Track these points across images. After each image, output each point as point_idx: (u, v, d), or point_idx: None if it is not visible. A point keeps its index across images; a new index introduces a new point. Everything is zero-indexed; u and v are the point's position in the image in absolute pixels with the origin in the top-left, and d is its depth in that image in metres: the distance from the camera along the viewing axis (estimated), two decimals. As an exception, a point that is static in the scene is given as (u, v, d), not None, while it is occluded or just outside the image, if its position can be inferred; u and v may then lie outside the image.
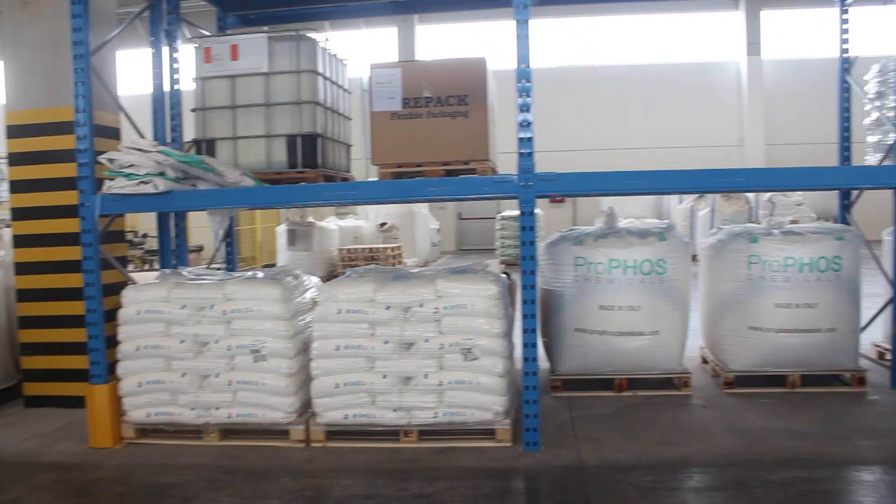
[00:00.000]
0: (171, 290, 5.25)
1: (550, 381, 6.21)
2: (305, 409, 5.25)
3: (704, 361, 6.89)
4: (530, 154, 4.84)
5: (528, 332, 4.90)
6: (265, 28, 6.53)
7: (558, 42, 23.92)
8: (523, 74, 4.83)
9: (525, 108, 4.84)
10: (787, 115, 23.17)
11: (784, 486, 4.22)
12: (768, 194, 17.03)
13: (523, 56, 4.84)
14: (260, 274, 5.65)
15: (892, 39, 6.01)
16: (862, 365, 6.24)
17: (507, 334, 5.13)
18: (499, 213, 19.67)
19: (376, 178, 5.66)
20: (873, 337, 6.99)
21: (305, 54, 5.87)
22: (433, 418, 4.98)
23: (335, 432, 5.13)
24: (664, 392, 6.11)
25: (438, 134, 5.44)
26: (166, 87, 6.57)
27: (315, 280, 5.96)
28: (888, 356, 6.42)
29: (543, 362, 6.32)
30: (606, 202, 12.46)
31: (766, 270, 5.98)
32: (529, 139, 4.85)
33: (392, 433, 5.06)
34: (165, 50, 6.57)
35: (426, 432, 5.05)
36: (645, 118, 23.92)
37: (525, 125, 4.84)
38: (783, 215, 11.05)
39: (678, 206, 18.72)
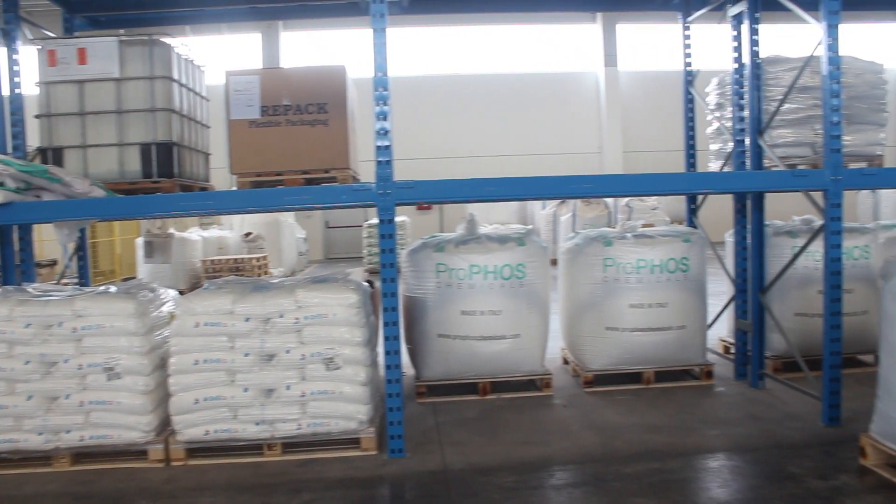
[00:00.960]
0: (13, 308, 4.94)
1: (416, 387, 6.25)
2: (164, 427, 5.07)
3: (566, 362, 7.11)
4: (389, 162, 4.86)
5: (391, 339, 4.92)
6: (122, 32, 6.25)
7: (425, 51, 24.13)
8: (380, 83, 4.85)
9: (382, 117, 4.85)
10: (643, 123, 24.29)
11: (638, 478, 4.43)
12: (626, 199, 17.81)
13: (380, 64, 4.85)
14: (113, 288, 5.42)
15: (728, 55, 6.41)
16: (709, 359, 6.64)
17: (370, 342, 5.14)
18: (366, 221, 19.47)
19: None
20: (719, 332, 7.44)
21: (159, 60, 5.67)
22: (297, 430, 4.92)
23: (196, 449, 4.98)
24: (527, 393, 6.27)
25: (298, 142, 5.38)
26: (6, 91, 6.17)
27: (173, 293, 5.77)
28: (732, 350, 6.84)
29: (409, 369, 6.37)
30: (472, 209, 12.66)
31: (621, 272, 6.25)
32: (387, 147, 4.87)
33: (255, 447, 4.97)
34: (3, 51, 6.17)
35: (290, 444, 4.98)
36: (510, 126, 24.49)
37: (383, 133, 4.85)
38: (639, 219, 11.58)
39: (542, 211, 19.25)
